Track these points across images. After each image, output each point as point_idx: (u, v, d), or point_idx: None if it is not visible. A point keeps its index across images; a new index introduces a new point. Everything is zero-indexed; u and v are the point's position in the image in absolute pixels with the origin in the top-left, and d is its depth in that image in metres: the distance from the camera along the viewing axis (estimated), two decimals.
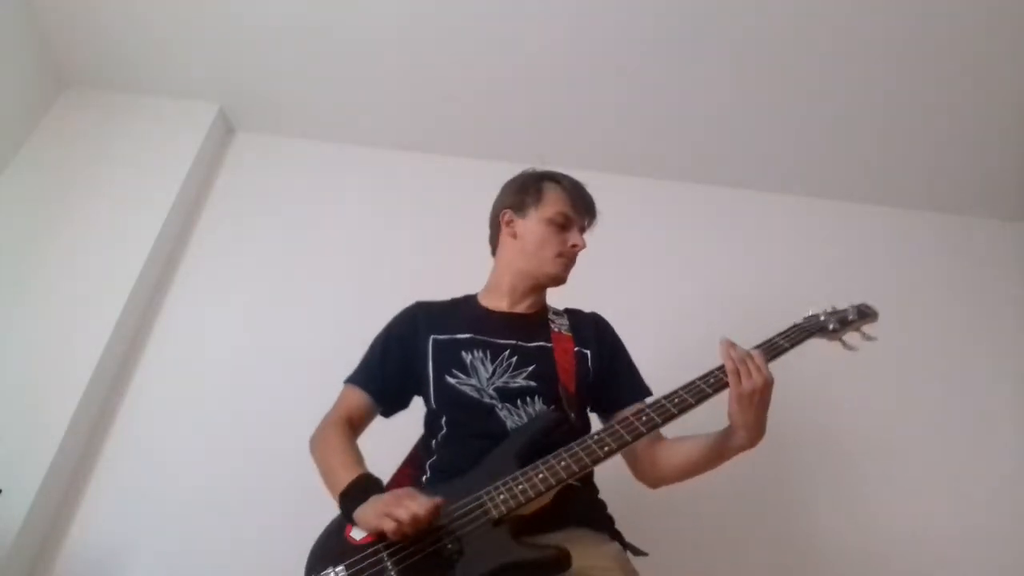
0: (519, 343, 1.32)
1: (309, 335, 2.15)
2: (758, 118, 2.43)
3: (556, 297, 1.46)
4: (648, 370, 1.43)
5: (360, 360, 1.39)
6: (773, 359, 1.20)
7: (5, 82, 2.22)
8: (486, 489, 1.08)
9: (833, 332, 1.31)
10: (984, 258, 2.60)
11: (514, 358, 1.29)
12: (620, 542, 1.21)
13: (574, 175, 1.47)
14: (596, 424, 1.37)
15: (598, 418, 1.39)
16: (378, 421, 1.38)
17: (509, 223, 1.42)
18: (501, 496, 1.06)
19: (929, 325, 2.41)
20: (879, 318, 1.38)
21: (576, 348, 1.35)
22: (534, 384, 1.26)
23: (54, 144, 2.34)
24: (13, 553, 1.70)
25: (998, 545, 2.04)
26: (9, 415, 1.85)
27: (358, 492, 1.11)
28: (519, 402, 1.25)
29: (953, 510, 2.08)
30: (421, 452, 1.36)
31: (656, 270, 2.42)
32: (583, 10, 2.15)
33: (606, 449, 1.11)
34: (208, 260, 2.32)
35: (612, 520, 1.26)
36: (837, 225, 2.62)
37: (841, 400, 2.20)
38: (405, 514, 1.00)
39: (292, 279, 2.29)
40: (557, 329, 1.37)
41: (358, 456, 1.23)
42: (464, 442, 1.24)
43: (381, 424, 1.38)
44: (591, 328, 1.41)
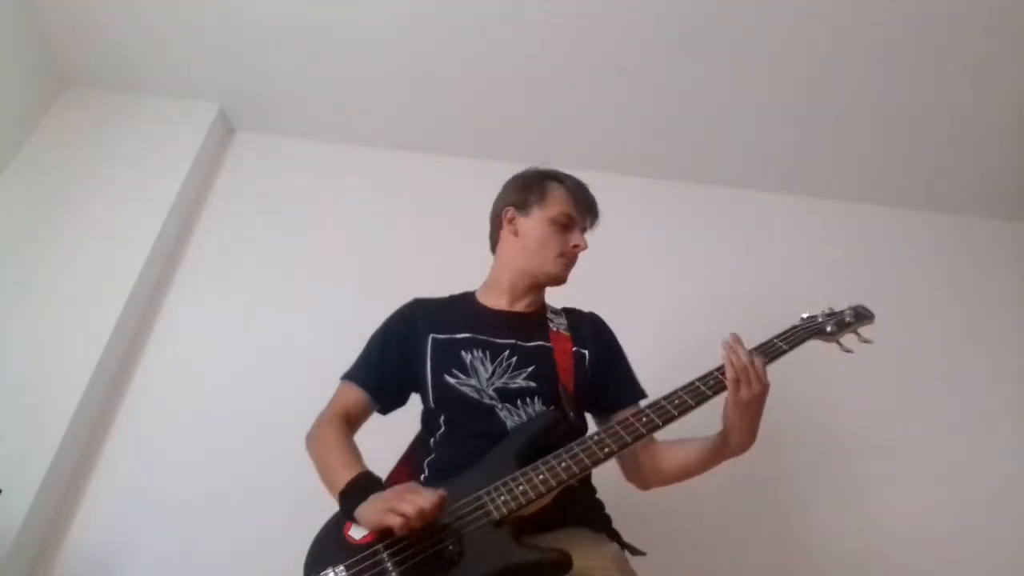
0: (518, 342, 1.31)
1: (309, 335, 2.15)
2: (758, 118, 2.43)
3: (556, 296, 1.46)
4: (648, 370, 1.43)
5: (357, 357, 1.39)
6: (772, 361, 1.20)
7: (5, 82, 2.22)
8: (486, 489, 1.08)
9: (831, 334, 1.32)
10: (984, 258, 2.60)
11: (514, 358, 1.29)
12: (618, 542, 1.21)
13: (574, 175, 1.46)
14: (591, 424, 1.37)
15: (593, 419, 1.38)
16: (374, 417, 1.37)
17: (511, 221, 1.42)
18: (502, 497, 1.06)
19: (929, 325, 2.41)
20: (878, 318, 1.38)
21: (574, 348, 1.34)
22: (534, 384, 1.26)
23: (54, 144, 2.33)
24: (13, 553, 1.70)
25: (998, 545, 2.04)
26: (9, 415, 1.85)
27: (358, 490, 1.10)
28: (519, 402, 1.24)
29: (953, 510, 2.07)
30: (419, 450, 1.35)
31: (656, 270, 2.42)
32: (583, 10, 2.15)
33: (606, 450, 1.11)
34: (208, 260, 2.32)
35: (610, 520, 1.25)
36: (837, 225, 2.61)
37: (841, 400, 2.20)
38: (411, 508, 0.99)
39: (292, 279, 2.29)
40: (556, 328, 1.37)
41: (356, 453, 1.22)
42: (463, 442, 1.23)
43: (377, 421, 1.38)
44: (589, 328, 1.41)
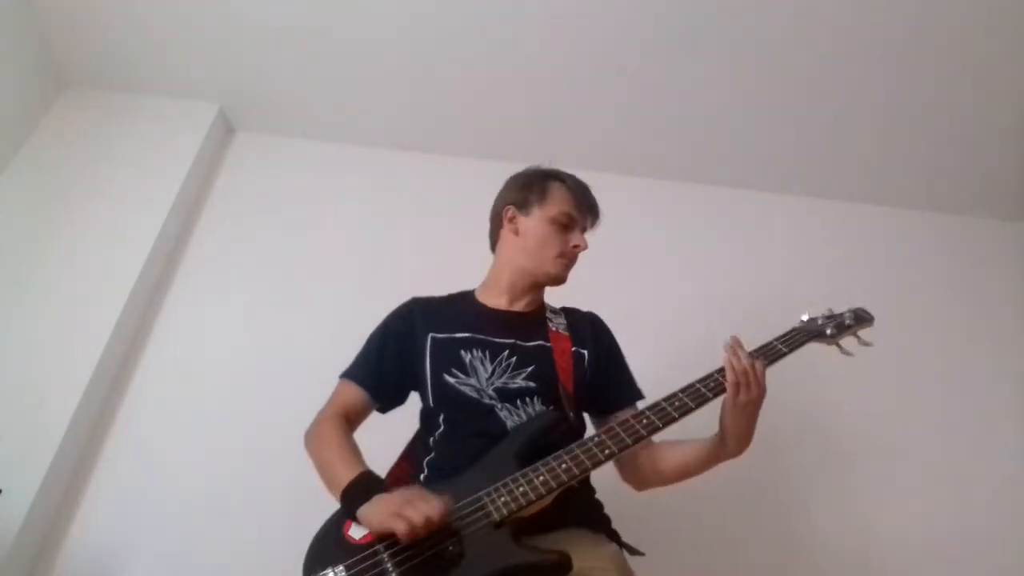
0: (518, 342, 1.31)
1: (309, 335, 2.15)
2: (758, 118, 2.42)
3: (556, 296, 1.45)
4: (648, 370, 1.43)
5: (356, 355, 1.38)
6: (772, 364, 1.21)
7: (5, 82, 2.21)
8: (486, 490, 1.08)
9: (830, 337, 1.32)
10: (984, 258, 2.59)
11: (513, 358, 1.28)
12: (617, 542, 1.21)
13: (575, 175, 1.46)
14: (588, 425, 1.37)
15: (590, 419, 1.38)
16: (373, 415, 1.37)
17: (512, 220, 1.41)
18: (502, 498, 1.06)
19: (929, 325, 2.41)
20: (878, 318, 1.38)
21: (574, 348, 1.34)
22: (533, 385, 1.26)
23: (54, 144, 2.33)
24: (13, 553, 1.69)
25: (998, 545, 2.04)
26: (9, 415, 1.85)
27: (360, 490, 1.09)
28: (519, 402, 1.24)
29: (953, 510, 2.07)
30: (418, 448, 1.34)
31: (656, 270, 2.42)
32: (583, 10, 2.15)
33: (606, 452, 1.11)
34: (208, 260, 2.32)
35: (609, 520, 1.25)
36: (837, 225, 2.61)
37: (841, 400, 2.20)
38: (418, 516, 0.98)
39: (292, 279, 2.29)
40: (555, 328, 1.37)
41: (356, 451, 1.21)
42: (463, 441, 1.23)
43: (376, 419, 1.38)
44: (588, 328, 1.41)
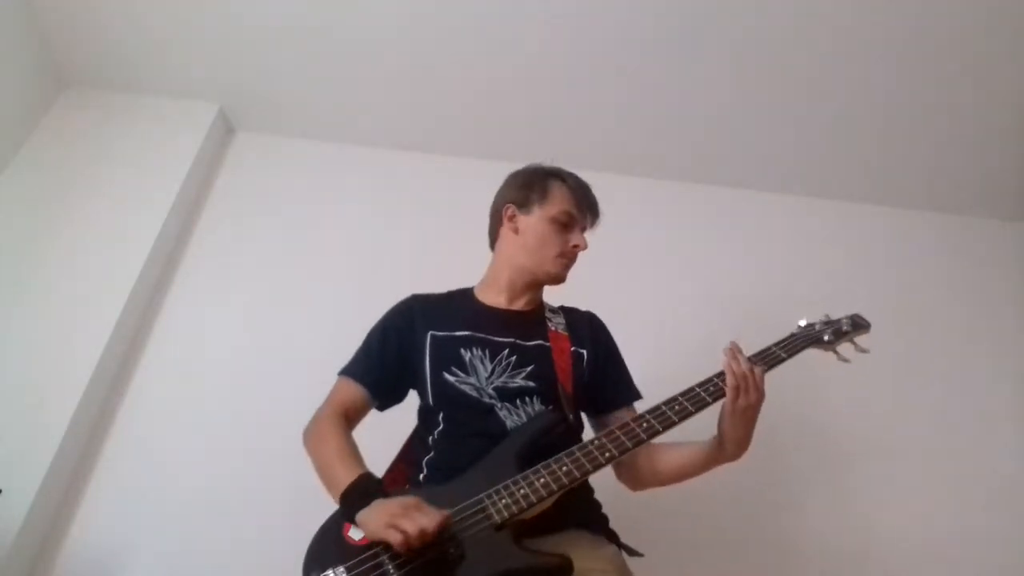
0: (517, 341, 1.31)
1: (309, 335, 2.14)
2: (758, 118, 2.42)
3: (556, 295, 1.45)
4: (647, 370, 1.43)
5: (355, 352, 1.38)
6: (771, 369, 1.21)
7: (5, 82, 2.21)
8: (487, 492, 1.07)
9: (828, 343, 1.33)
10: (984, 258, 2.59)
11: (513, 357, 1.28)
12: (616, 543, 1.21)
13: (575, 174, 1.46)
14: (585, 424, 1.37)
15: (587, 419, 1.38)
16: (371, 413, 1.36)
17: (512, 218, 1.41)
18: (503, 501, 1.06)
19: (929, 325, 2.41)
20: (878, 318, 1.39)
21: (573, 348, 1.34)
22: (533, 384, 1.26)
23: (54, 144, 2.33)
24: (13, 553, 1.69)
25: (998, 545, 2.04)
26: (9, 415, 1.85)
27: (359, 494, 1.08)
28: (518, 402, 1.24)
29: (953, 510, 2.07)
30: (417, 447, 1.33)
31: (656, 270, 2.42)
32: (583, 10, 2.15)
33: (607, 455, 1.11)
34: (208, 260, 2.32)
35: (607, 519, 1.26)
36: (837, 225, 2.61)
37: (840, 400, 2.20)
38: (413, 528, 0.97)
39: (292, 279, 2.28)
40: (554, 328, 1.37)
41: (356, 451, 1.20)
42: (463, 440, 1.23)
43: (375, 416, 1.37)
44: (587, 327, 1.41)
